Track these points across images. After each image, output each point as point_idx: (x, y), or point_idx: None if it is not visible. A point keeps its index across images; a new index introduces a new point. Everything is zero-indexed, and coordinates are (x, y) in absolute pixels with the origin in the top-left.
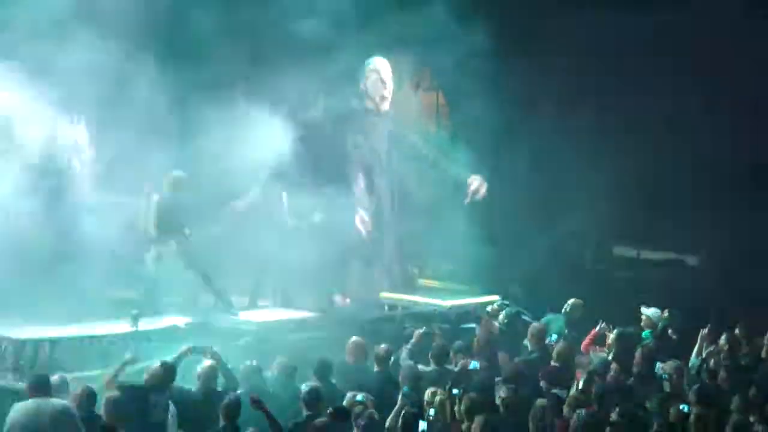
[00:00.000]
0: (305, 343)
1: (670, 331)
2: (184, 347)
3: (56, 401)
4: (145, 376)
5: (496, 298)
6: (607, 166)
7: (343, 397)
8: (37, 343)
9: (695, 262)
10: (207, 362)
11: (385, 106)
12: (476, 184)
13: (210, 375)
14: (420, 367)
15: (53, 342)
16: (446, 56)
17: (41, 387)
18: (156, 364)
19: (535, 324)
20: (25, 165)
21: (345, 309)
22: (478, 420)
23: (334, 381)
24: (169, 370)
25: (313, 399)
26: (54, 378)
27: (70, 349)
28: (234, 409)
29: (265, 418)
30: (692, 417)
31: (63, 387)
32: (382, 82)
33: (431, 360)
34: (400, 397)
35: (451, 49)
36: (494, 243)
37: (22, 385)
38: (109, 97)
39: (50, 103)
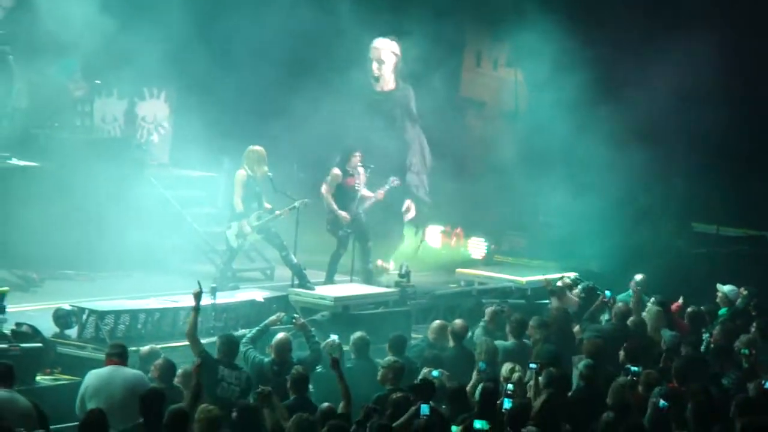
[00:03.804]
0: (380, 318)
1: (750, 307)
2: (274, 316)
3: (130, 370)
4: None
5: (572, 274)
6: (686, 143)
7: (418, 371)
8: (118, 315)
9: None
10: (281, 334)
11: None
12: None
13: (284, 346)
14: (498, 342)
15: (133, 313)
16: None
17: (117, 355)
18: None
19: (619, 305)
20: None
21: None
22: (546, 394)
23: (408, 356)
24: (228, 342)
25: (397, 374)
26: (145, 348)
27: (149, 320)
28: (299, 382)
29: (338, 382)
30: None
31: (153, 357)
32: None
33: (509, 334)
34: (475, 372)
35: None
36: (572, 220)
37: (103, 355)
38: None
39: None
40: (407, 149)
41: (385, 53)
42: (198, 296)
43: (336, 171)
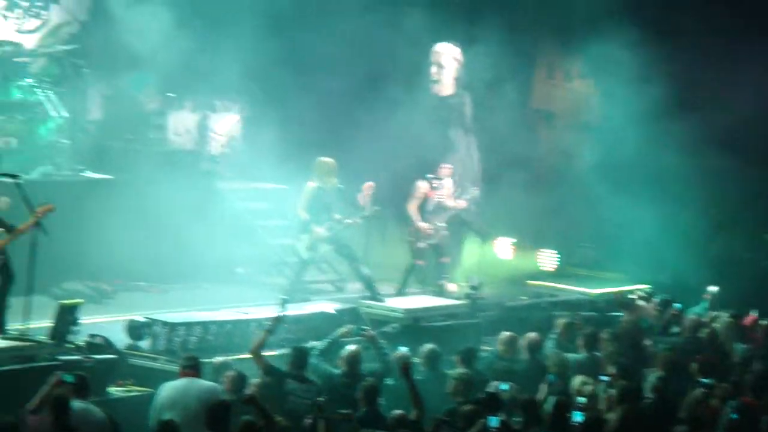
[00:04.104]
0: (450, 330)
1: None
2: (344, 328)
3: (205, 382)
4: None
5: (645, 287)
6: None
7: (487, 383)
8: (190, 326)
9: None
10: (352, 346)
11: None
12: None
13: (355, 358)
14: (569, 355)
15: (205, 325)
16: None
17: (191, 367)
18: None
19: (691, 316)
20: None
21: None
22: (621, 408)
23: (478, 368)
24: (299, 354)
25: (467, 386)
26: (218, 360)
27: (221, 332)
28: (370, 394)
29: (408, 390)
30: None
31: (225, 369)
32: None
33: (581, 347)
34: (546, 384)
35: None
36: (644, 232)
37: (174, 367)
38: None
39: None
40: (454, 156)
41: (446, 58)
42: (278, 319)
43: (421, 184)
